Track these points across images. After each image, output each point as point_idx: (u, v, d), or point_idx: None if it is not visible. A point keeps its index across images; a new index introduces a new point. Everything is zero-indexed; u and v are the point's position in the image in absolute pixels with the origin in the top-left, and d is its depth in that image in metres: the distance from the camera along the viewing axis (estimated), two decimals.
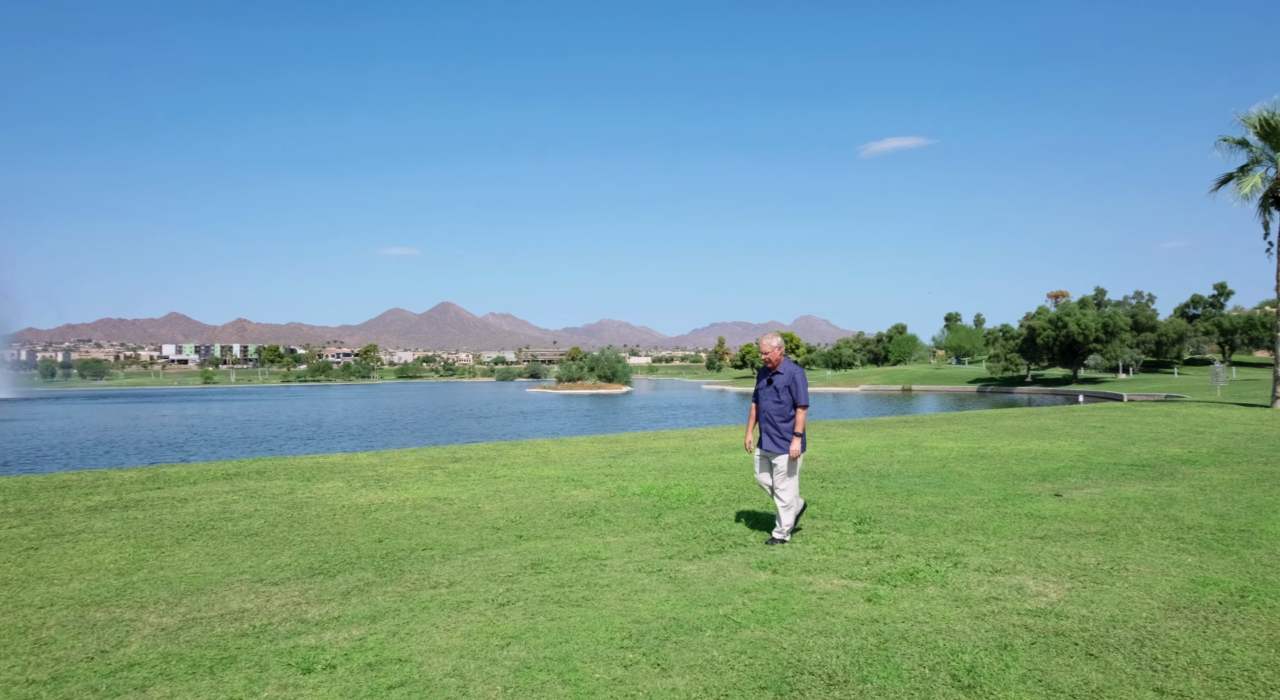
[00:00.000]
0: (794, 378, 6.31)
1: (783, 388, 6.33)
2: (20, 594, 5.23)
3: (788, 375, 6.34)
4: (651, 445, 14.78)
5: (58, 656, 4.06)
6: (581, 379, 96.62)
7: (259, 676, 3.74)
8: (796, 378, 6.31)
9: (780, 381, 6.35)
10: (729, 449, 13.85)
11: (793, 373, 6.34)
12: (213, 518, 7.86)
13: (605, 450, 13.98)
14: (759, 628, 4.33)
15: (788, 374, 6.34)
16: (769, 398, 6.39)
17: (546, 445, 15.17)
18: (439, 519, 7.68)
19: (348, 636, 4.30)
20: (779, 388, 6.35)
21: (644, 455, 13.00)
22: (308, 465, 12.19)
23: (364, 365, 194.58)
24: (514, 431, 34.91)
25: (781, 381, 6.34)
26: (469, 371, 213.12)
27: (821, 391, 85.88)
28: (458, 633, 4.33)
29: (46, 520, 7.84)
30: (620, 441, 15.83)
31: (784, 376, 6.35)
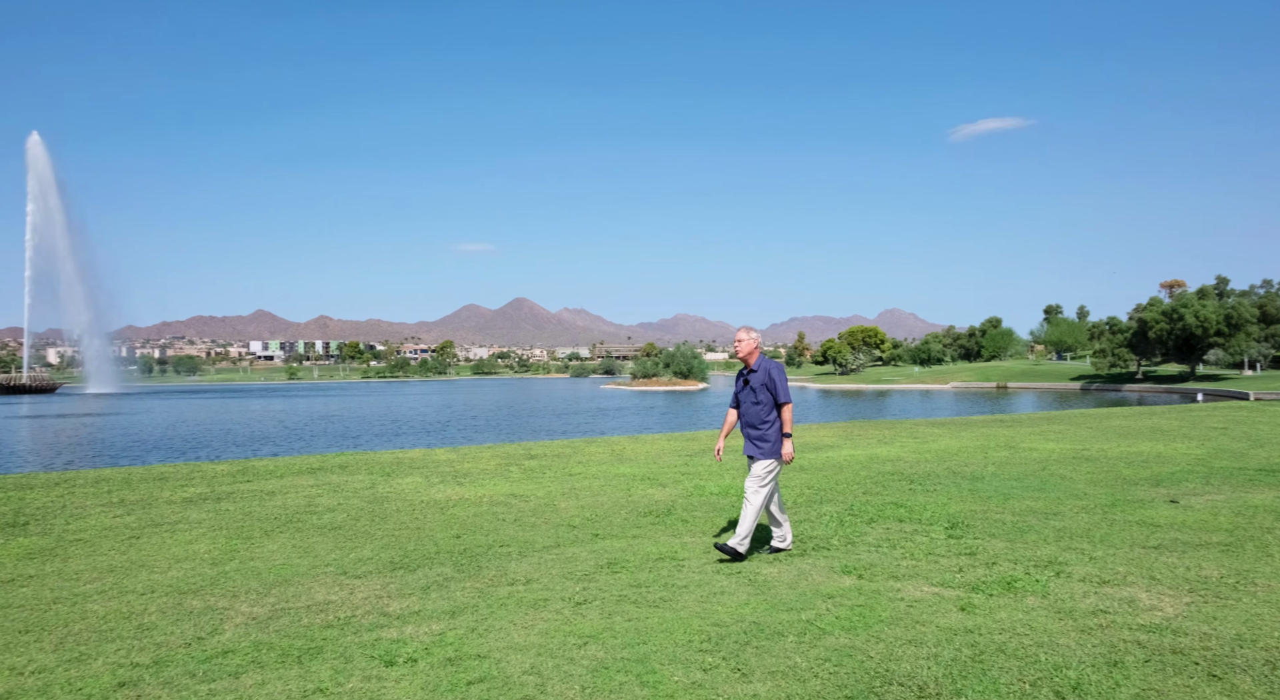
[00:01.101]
0: (770, 374, 5.93)
1: (759, 386, 5.94)
2: (124, 580, 5.60)
3: (763, 372, 5.96)
4: (730, 444, 14.71)
5: (159, 641, 4.33)
6: (656, 375, 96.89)
7: (344, 668, 3.91)
8: (773, 373, 5.93)
9: (756, 380, 5.96)
10: (810, 448, 13.66)
11: (769, 369, 5.96)
12: (298, 511, 8.24)
13: (681, 448, 13.99)
14: (844, 635, 4.26)
15: (763, 371, 5.97)
16: (748, 399, 6.02)
17: (622, 442, 15.28)
18: (515, 516, 7.84)
19: (428, 631, 4.44)
20: (755, 387, 5.97)
21: (724, 454, 12.94)
22: (388, 460, 12.64)
23: (440, 361, 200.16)
24: (589, 428, 35.31)
25: (758, 380, 5.96)
26: (543, 368, 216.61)
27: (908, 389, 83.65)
28: (535, 630, 4.41)
29: (146, 511, 8.37)
30: (697, 439, 15.82)
31: (760, 374, 5.97)
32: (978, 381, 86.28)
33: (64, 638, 4.41)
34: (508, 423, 40.57)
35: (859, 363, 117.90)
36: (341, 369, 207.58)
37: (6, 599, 5.17)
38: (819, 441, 14.85)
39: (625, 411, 48.72)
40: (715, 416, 42.78)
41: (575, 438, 22.46)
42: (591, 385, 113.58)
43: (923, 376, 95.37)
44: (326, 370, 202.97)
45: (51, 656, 4.12)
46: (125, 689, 3.68)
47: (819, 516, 7.50)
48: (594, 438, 18.35)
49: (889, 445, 14.01)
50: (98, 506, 8.61)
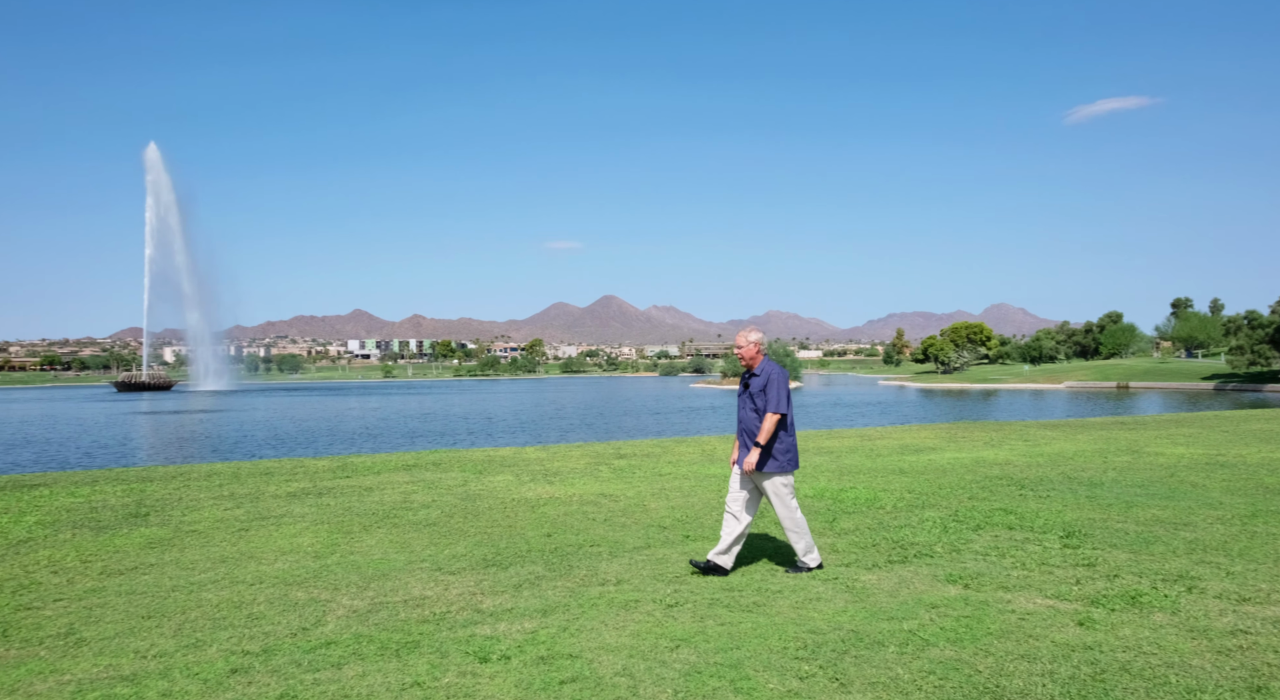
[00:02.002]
0: (770, 379, 5.60)
1: (758, 392, 5.63)
2: (235, 571, 5.97)
3: (764, 377, 5.63)
4: (824, 445, 14.45)
5: (267, 631, 4.59)
6: None
7: (440, 662, 4.04)
8: (772, 379, 5.59)
9: (756, 385, 5.66)
10: (911, 450, 13.27)
11: (769, 373, 5.62)
12: (395, 507, 8.57)
13: None
14: (949, 646, 4.12)
15: (764, 375, 5.64)
16: (745, 405, 5.72)
17: (712, 442, 15.23)
18: (605, 515, 7.93)
19: (520, 629, 4.54)
20: (754, 393, 5.66)
21: (816, 455, 12.73)
22: (479, 458, 13.00)
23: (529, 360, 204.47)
24: (678, 428, 35.36)
25: (757, 384, 5.65)
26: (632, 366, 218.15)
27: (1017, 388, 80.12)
28: (626, 632, 4.45)
29: (254, 504, 8.88)
30: None
31: (760, 378, 5.65)
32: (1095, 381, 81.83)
33: (182, 624, 4.73)
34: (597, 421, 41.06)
35: (963, 361, 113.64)
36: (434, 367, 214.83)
37: (131, 586, 5.59)
38: (920, 443, 14.41)
39: (715, 411, 48.53)
40: (809, 417, 42.11)
41: (665, 437, 22.51)
42: (681, 384, 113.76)
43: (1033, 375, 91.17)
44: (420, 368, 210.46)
45: (171, 641, 4.43)
46: (237, 675, 3.92)
47: (920, 522, 7.28)
48: (684, 437, 18.36)
49: (996, 448, 13.46)
50: (210, 499, 9.19)
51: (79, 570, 6.05)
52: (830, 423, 37.07)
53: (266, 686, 3.77)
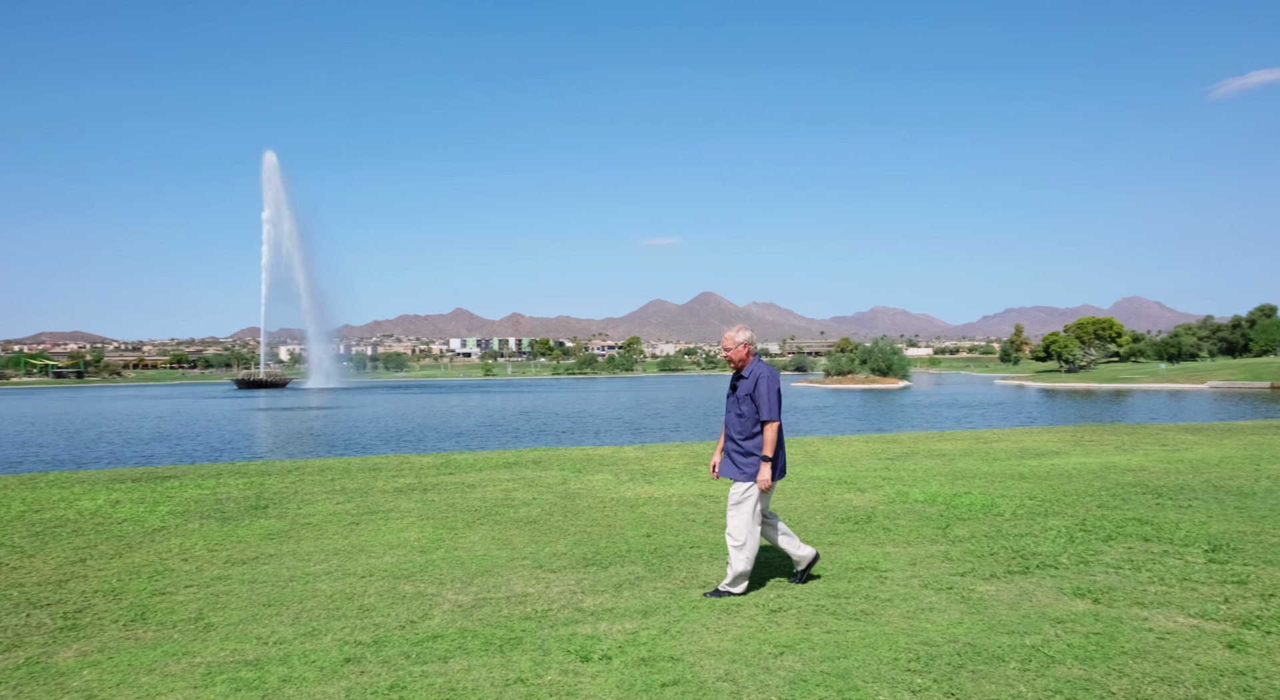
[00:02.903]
0: (759, 383, 5.21)
1: (744, 396, 5.25)
2: (347, 563, 6.28)
3: (752, 380, 5.25)
4: (936, 446, 13.97)
5: (377, 622, 4.81)
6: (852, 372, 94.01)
7: (542, 660, 4.14)
8: (762, 383, 5.20)
9: (744, 388, 5.27)
10: (1031, 453, 12.67)
11: (759, 376, 5.24)
12: (496, 504, 8.82)
13: (881, 451, 13.47)
14: (1077, 665, 3.91)
15: (753, 378, 5.25)
16: (732, 408, 5.37)
17: (815, 443, 14.98)
18: (705, 516, 7.92)
19: (621, 629, 4.60)
20: (741, 396, 5.29)
21: (927, 457, 12.33)
22: (578, 457, 13.22)
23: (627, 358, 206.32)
24: None
25: (745, 388, 5.26)
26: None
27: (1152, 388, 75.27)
28: (728, 636, 4.43)
29: (364, 499, 9.32)
30: (898, 441, 15.16)
31: (748, 381, 5.26)
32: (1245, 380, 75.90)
33: (299, 613, 5.02)
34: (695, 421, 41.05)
35: (1089, 358, 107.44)
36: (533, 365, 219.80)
37: (253, 575, 5.97)
38: (1041, 446, 13.74)
39: (818, 411, 47.70)
40: (918, 417, 40.80)
41: None
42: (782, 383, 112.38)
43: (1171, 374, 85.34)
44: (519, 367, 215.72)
45: (289, 629, 4.70)
46: (350, 665, 4.12)
47: (1043, 531, 6.94)
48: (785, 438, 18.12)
49: (1129, 452, 12.68)
50: (323, 493, 9.70)
51: (206, 558, 6.50)
52: (942, 424, 35.82)
53: (378, 677, 3.95)
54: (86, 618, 4.97)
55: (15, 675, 4.05)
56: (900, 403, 55.17)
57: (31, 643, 4.54)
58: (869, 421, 39.20)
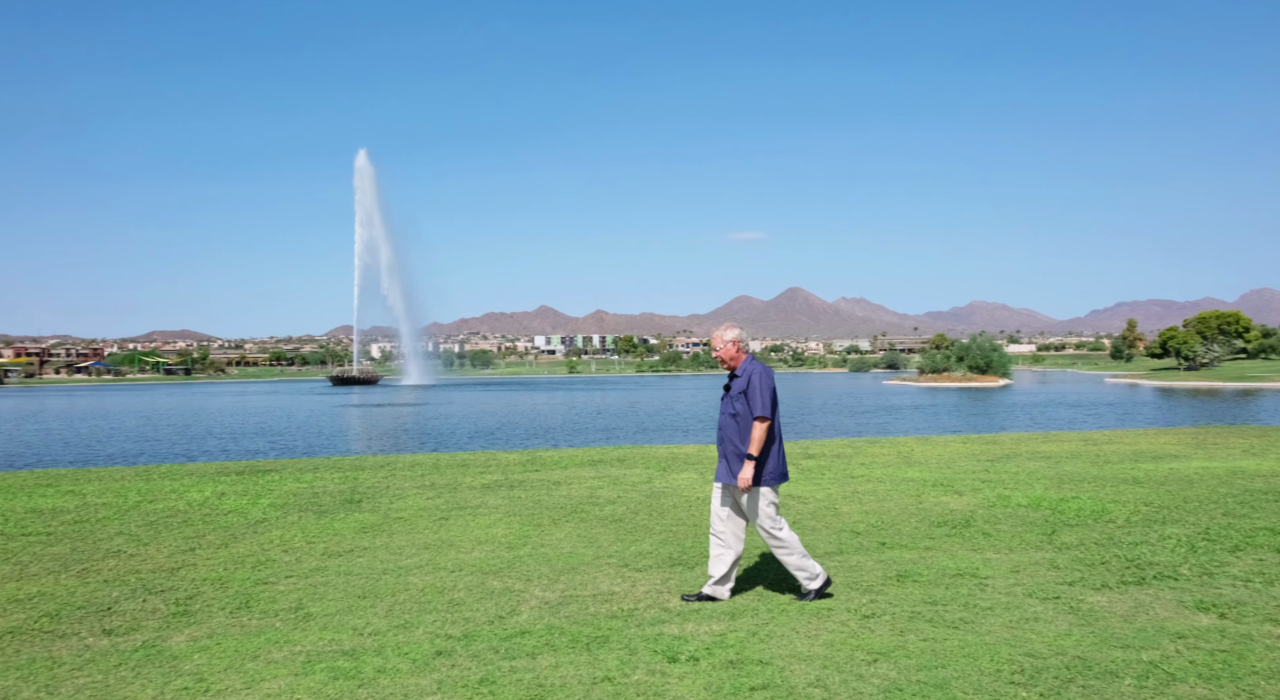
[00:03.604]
0: (750, 380, 5.16)
1: (738, 394, 5.21)
2: (437, 558, 6.48)
3: (745, 378, 5.21)
4: (1040, 448, 13.43)
5: (466, 617, 4.95)
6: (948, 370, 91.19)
7: (629, 659, 4.17)
8: (754, 380, 5.14)
9: (737, 387, 5.24)
10: (1147, 456, 12.03)
11: (750, 374, 5.19)
12: (582, 501, 8.94)
13: (980, 452, 13.04)
14: (1201, 684, 3.69)
15: (745, 376, 5.21)
16: (725, 409, 5.31)
17: (909, 443, 14.61)
18: (793, 518, 7.83)
19: (708, 631, 4.59)
20: (734, 395, 5.24)
21: (1030, 460, 11.86)
22: (663, 455, 13.26)
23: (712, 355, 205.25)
24: (871, 427, 34.20)
25: (738, 387, 5.22)
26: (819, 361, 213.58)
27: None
28: (819, 641, 4.38)
29: (452, 494, 9.59)
30: (999, 442, 14.64)
31: (741, 380, 5.22)
32: None
33: (392, 606, 5.20)
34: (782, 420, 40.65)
35: (1212, 355, 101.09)
36: (617, 363, 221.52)
37: (348, 567, 6.22)
38: (1158, 449, 13.02)
39: (912, 410, 46.48)
40: (1020, 417, 39.27)
41: (856, 437, 21.88)
42: (873, 380, 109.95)
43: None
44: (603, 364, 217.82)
45: (383, 621, 4.89)
46: (442, 658, 4.25)
47: (1161, 539, 6.58)
48: (877, 438, 17.75)
49: (1259, 457, 11.89)
50: (414, 489, 10.03)
51: (304, 550, 6.81)
52: (1046, 424, 34.37)
53: (468, 670, 4.06)
54: (196, 605, 5.28)
55: (134, 657, 4.34)
56: (1000, 402, 53.24)
57: (148, 627, 4.85)
58: (966, 421, 37.96)
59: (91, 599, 5.43)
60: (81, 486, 10.45)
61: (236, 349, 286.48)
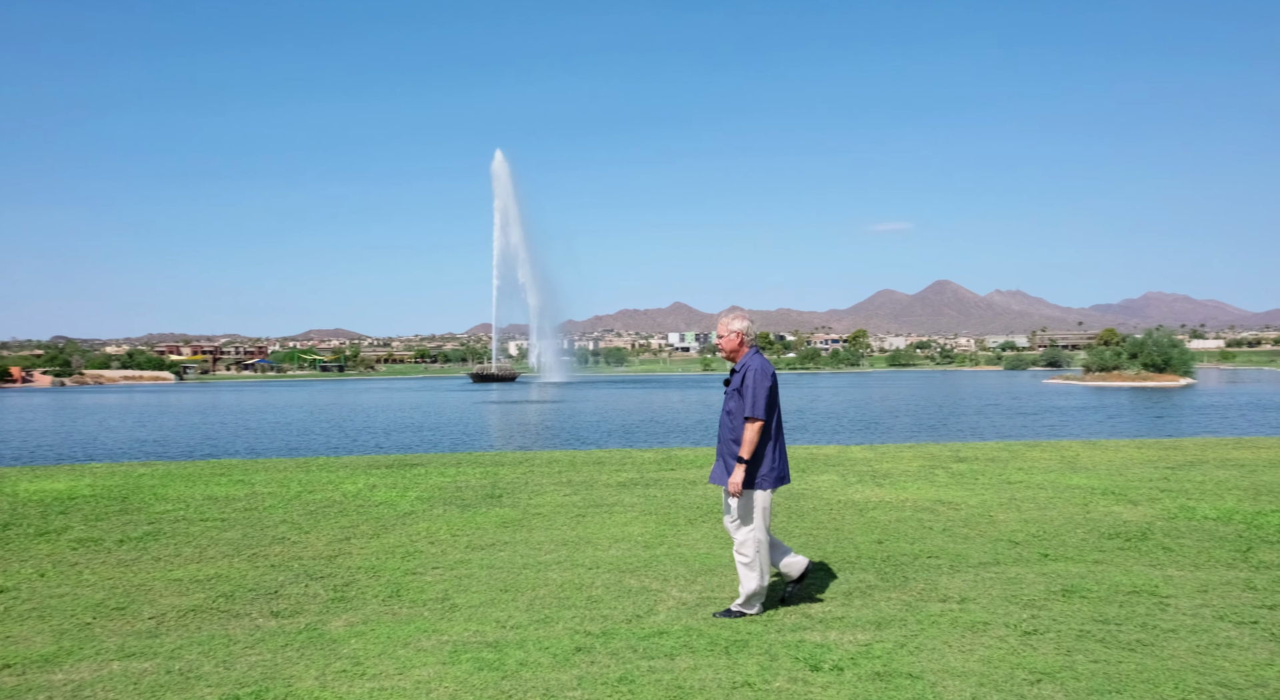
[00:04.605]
0: (747, 376, 4.86)
1: (734, 391, 4.96)
2: (575, 555, 6.64)
3: (741, 373, 4.94)
4: (1230, 455, 12.27)
5: (604, 614, 5.05)
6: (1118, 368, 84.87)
7: (769, 665, 4.13)
8: (749, 377, 4.85)
9: (735, 382, 4.98)
10: None
11: (749, 369, 4.90)
12: (717, 501, 8.92)
13: (1158, 458, 12.06)
14: None
15: (742, 372, 4.95)
16: (723, 408, 5.07)
17: (1074, 447, 13.70)
18: (944, 525, 7.52)
19: (852, 640, 4.48)
20: (731, 391, 5.00)
21: (1218, 467, 10.86)
22: (801, 456, 13.03)
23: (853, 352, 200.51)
24: (1029, 429, 32.33)
25: (736, 382, 4.97)
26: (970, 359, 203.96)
27: None
28: (974, 656, 4.18)
29: (589, 491, 9.80)
30: (1180, 448, 13.49)
31: (739, 376, 4.96)
32: None
33: (532, 600, 5.38)
34: (930, 419, 39.06)
35: None
36: None
37: (491, 560, 6.48)
38: None
39: (1077, 411, 43.58)
40: (1205, 421, 36.03)
41: (1013, 440, 20.77)
42: (1031, 379, 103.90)
43: None
44: None
45: (524, 615, 5.06)
46: (581, 654, 4.36)
47: None
48: (1036, 441, 16.76)
49: None
50: (551, 485, 10.33)
51: (449, 543, 7.15)
52: (1238, 429, 31.37)
53: (607, 668, 4.14)
54: (352, 592, 5.65)
55: (298, 638, 4.70)
56: (1181, 403, 49.05)
57: (309, 611, 5.24)
58: (1141, 424, 35.22)
59: (260, 582, 5.92)
60: (250, 476, 11.40)
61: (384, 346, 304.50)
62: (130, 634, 4.80)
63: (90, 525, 7.99)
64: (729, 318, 5.11)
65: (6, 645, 4.61)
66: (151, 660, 4.35)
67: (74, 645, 4.60)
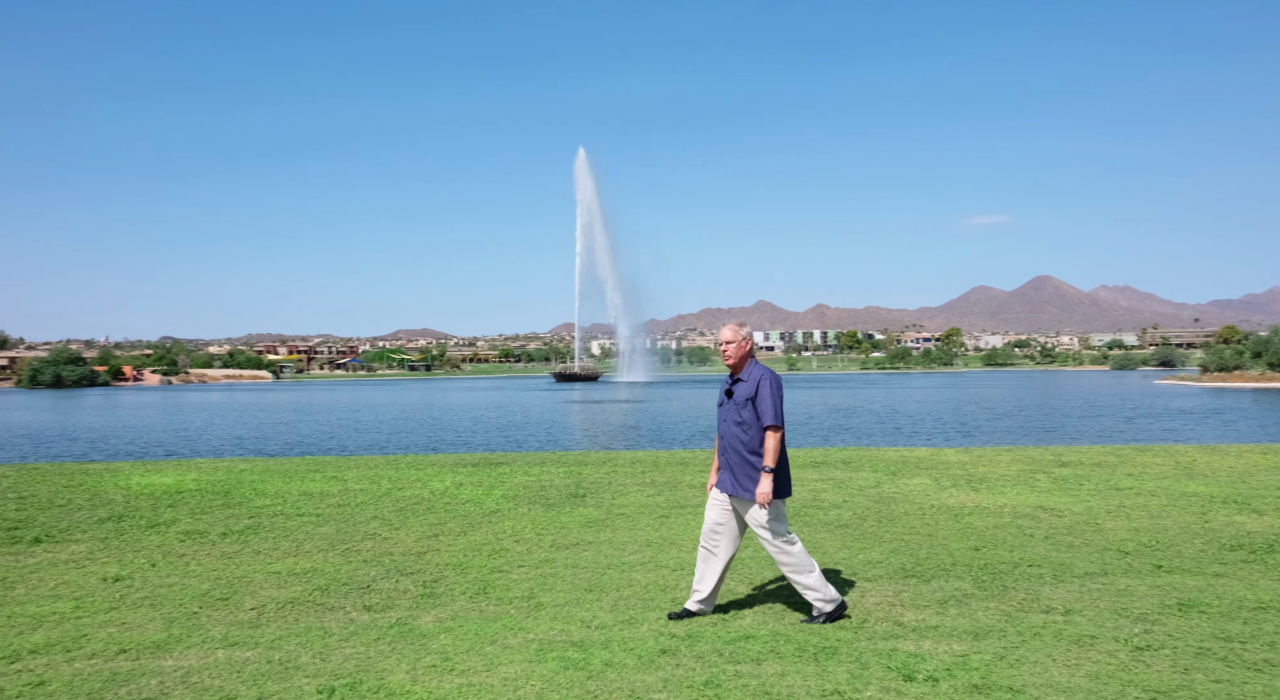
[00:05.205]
0: (759, 385, 4.96)
1: (745, 401, 4.97)
2: (659, 556, 6.66)
3: (753, 382, 5.00)
4: None
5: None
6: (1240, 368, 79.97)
7: (860, 674, 4.06)
8: (762, 385, 4.95)
9: (743, 392, 5.01)
10: None
11: (759, 378, 4.99)
12: (804, 505, 8.81)
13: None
14: None
15: (752, 380, 5.01)
16: (729, 416, 5.07)
17: (1190, 452, 12.99)
18: (1045, 532, 7.24)
19: (948, 650, 4.36)
20: (739, 401, 5.00)
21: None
22: (892, 458, 12.75)
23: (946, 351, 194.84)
24: (1140, 433, 30.80)
25: (744, 392, 5.00)
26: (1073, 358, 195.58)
27: None
28: (1081, 671, 4.01)
29: (673, 492, 9.82)
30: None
31: (747, 384, 5.01)
32: None
33: (617, 601, 5.42)
34: (1030, 422, 37.64)
35: None
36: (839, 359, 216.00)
37: (575, 560, 6.56)
38: None
39: (1193, 414, 41.30)
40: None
41: (1121, 443, 19.87)
42: (1141, 379, 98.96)
43: None
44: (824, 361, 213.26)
45: (609, 615, 5.10)
46: (666, 656, 4.37)
47: None
48: (1148, 445, 15.97)
49: None
50: (635, 485, 10.38)
51: (534, 541, 7.27)
52: None
53: (692, 671, 4.14)
54: (441, 588, 5.81)
55: (390, 633, 4.86)
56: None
57: (400, 606, 5.41)
58: (1267, 429, 33.13)
59: (354, 577, 6.14)
60: (343, 473, 11.84)
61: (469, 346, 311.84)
62: (233, 624, 5.05)
63: (196, 518, 8.44)
64: (735, 325, 5.22)
65: (123, 631, 4.92)
66: (253, 650, 4.57)
67: (182, 633, 4.87)
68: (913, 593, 5.46)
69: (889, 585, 5.66)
